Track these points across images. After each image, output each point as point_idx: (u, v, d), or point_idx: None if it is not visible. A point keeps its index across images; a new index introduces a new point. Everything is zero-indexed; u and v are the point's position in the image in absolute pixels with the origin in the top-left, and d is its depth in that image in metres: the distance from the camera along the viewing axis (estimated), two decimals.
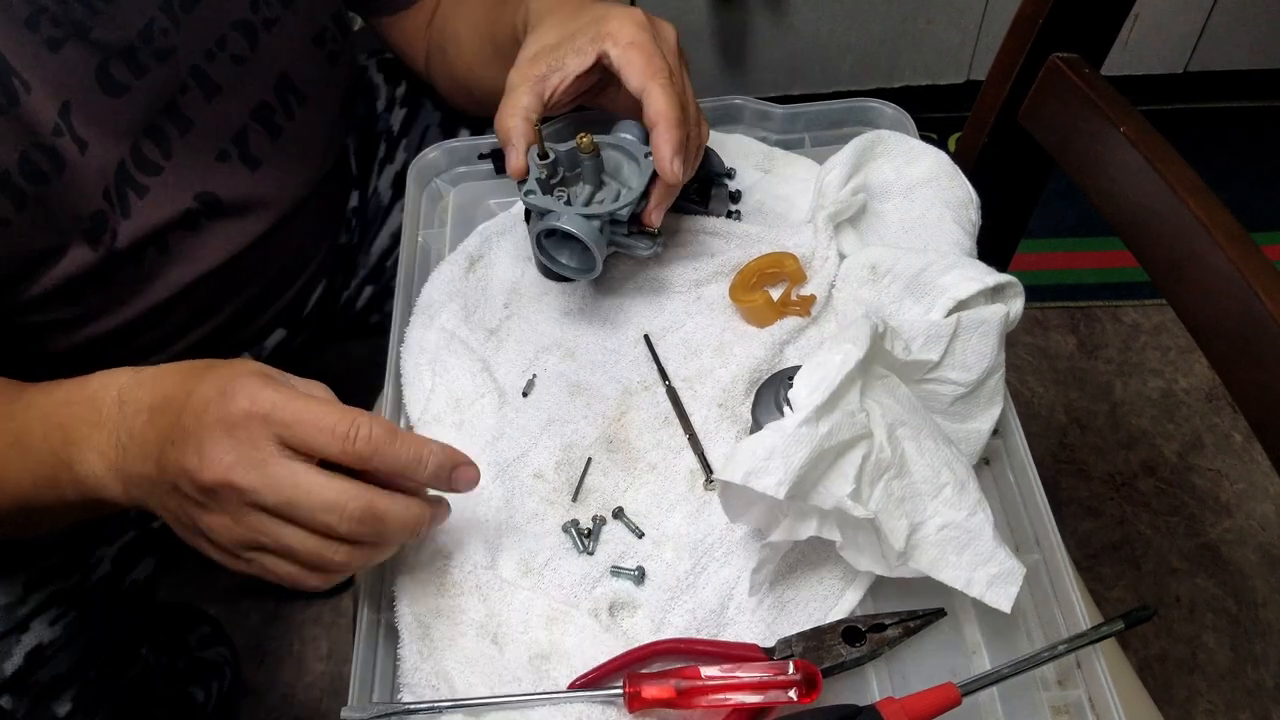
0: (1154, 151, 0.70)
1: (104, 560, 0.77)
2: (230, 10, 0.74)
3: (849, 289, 0.69)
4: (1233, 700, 1.23)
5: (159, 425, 0.52)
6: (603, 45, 0.63)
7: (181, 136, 0.72)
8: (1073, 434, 1.47)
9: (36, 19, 0.63)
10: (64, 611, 0.71)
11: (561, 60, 0.64)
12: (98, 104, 0.66)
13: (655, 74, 0.62)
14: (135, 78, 0.68)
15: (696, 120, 0.65)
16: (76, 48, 0.64)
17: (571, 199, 0.65)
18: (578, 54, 0.64)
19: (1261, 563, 1.34)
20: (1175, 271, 0.70)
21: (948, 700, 0.51)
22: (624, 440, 0.65)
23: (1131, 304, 1.61)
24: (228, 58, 0.74)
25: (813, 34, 1.66)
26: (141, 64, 0.68)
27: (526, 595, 0.58)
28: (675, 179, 0.62)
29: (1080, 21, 0.77)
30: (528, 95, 0.63)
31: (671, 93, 0.61)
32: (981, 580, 0.54)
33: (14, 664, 0.68)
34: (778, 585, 0.58)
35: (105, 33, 0.65)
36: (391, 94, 0.99)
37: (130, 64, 0.67)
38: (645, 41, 0.63)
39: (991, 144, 0.85)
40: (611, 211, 0.64)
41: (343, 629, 1.30)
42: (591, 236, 0.63)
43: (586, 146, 0.64)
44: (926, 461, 0.56)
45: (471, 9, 0.82)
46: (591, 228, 0.63)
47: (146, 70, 0.68)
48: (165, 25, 0.69)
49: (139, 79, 0.68)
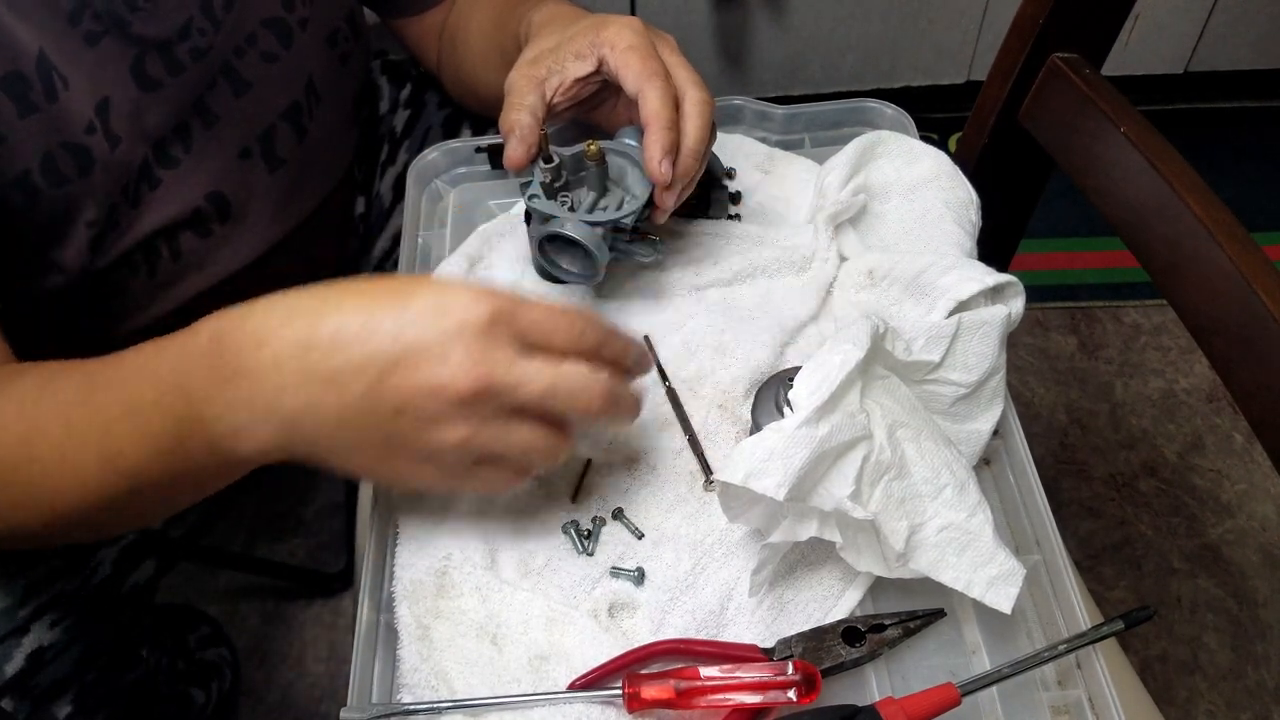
0: (1154, 151, 0.70)
1: (104, 563, 0.77)
2: (262, 7, 0.74)
3: (847, 293, 0.69)
4: (1233, 701, 1.23)
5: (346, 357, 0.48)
6: (601, 50, 0.64)
7: (205, 131, 0.72)
8: (1073, 434, 1.47)
9: (79, 14, 0.63)
10: (64, 614, 0.71)
11: (561, 63, 0.65)
12: (133, 99, 0.66)
13: (651, 76, 0.62)
14: (170, 75, 0.68)
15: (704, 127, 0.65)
16: (114, 42, 0.65)
17: (575, 205, 0.65)
18: (577, 58, 0.64)
19: (1262, 563, 1.34)
20: (1175, 271, 0.70)
21: (947, 700, 0.51)
22: (624, 441, 0.65)
23: (1132, 304, 1.61)
24: (258, 55, 0.74)
25: (813, 34, 1.67)
26: (177, 61, 0.68)
27: (526, 596, 0.58)
28: (664, 180, 0.62)
29: (1080, 21, 0.77)
30: (531, 94, 0.64)
31: (667, 95, 0.61)
32: (982, 581, 0.54)
33: (15, 666, 0.68)
34: (777, 586, 0.58)
35: (144, 28, 0.66)
36: (395, 96, 0.99)
37: (166, 60, 0.68)
38: (642, 45, 0.63)
39: (992, 144, 0.85)
40: (615, 219, 0.64)
41: (343, 629, 1.30)
42: (594, 243, 0.63)
43: (594, 154, 0.64)
44: (927, 462, 0.56)
45: (482, 12, 0.83)
46: (595, 234, 0.63)
47: (182, 69, 0.69)
48: (203, 25, 0.69)
49: (173, 76, 0.68)
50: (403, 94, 0.99)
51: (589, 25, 0.65)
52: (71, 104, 0.63)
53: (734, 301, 0.71)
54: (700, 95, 0.64)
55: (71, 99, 0.63)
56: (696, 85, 0.64)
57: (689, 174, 0.64)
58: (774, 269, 0.71)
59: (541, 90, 0.64)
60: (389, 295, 0.49)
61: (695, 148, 0.63)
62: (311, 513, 1.40)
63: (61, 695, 0.71)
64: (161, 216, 0.72)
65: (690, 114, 0.64)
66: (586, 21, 0.65)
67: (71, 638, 0.72)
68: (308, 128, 0.80)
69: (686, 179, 0.64)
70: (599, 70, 0.65)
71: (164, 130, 0.69)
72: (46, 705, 0.71)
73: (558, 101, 0.66)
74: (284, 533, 1.39)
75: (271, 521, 1.40)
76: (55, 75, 0.62)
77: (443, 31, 0.88)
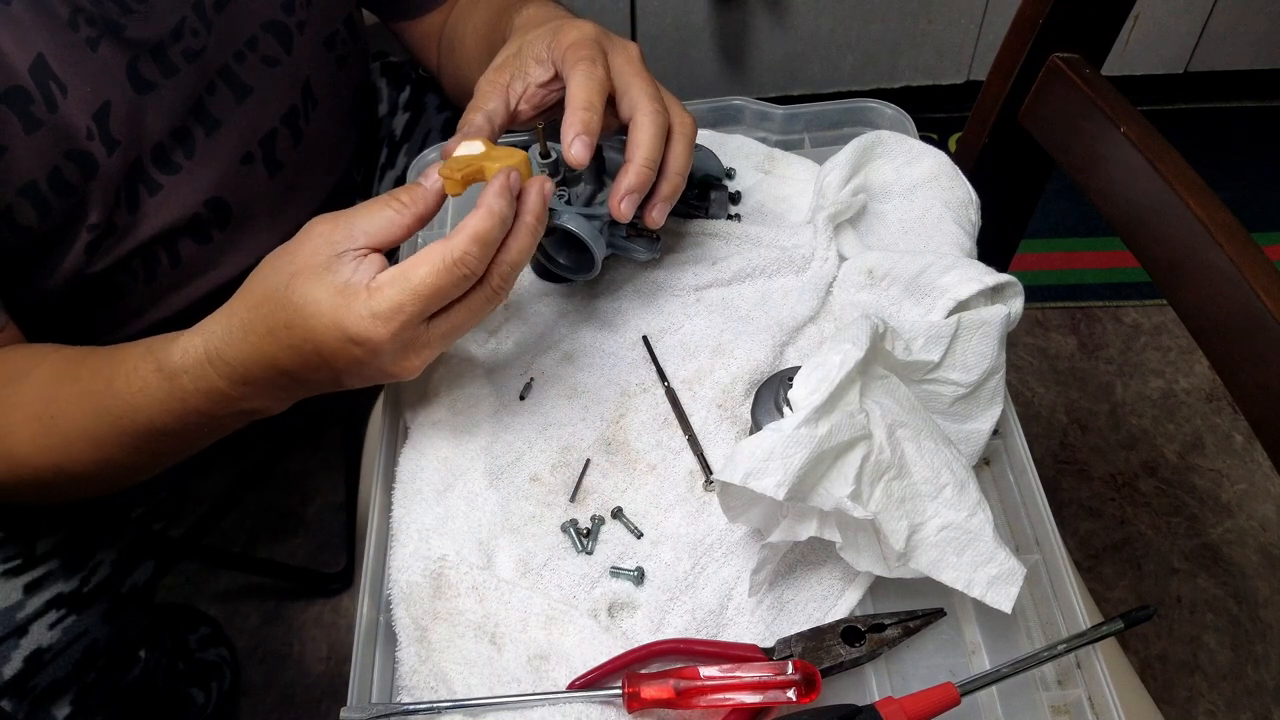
0: (1154, 151, 0.70)
1: (104, 563, 0.77)
2: (261, 11, 0.74)
3: (847, 293, 0.69)
4: (1233, 701, 1.23)
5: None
6: (556, 54, 0.64)
7: (208, 136, 0.72)
8: (1073, 434, 1.47)
9: (75, 19, 0.63)
10: (63, 615, 0.71)
11: (524, 68, 0.65)
12: (130, 102, 0.66)
13: (579, 61, 0.62)
14: (164, 76, 0.68)
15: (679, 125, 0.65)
16: (110, 46, 0.65)
17: (572, 199, 0.65)
18: (538, 63, 0.64)
19: (1262, 563, 1.34)
20: (1176, 271, 0.70)
21: (947, 700, 0.51)
22: (623, 442, 0.65)
23: (1132, 304, 1.61)
24: (258, 59, 0.74)
25: (813, 34, 1.67)
26: (171, 63, 0.68)
27: (525, 595, 0.58)
28: (578, 164, 0.61)
29: (1080, 21, 0.77)
30: (494, 100, 0.64)
31: (591, 80, 0.61)
32: (982, 581, 0.54)
33: (13, 667, 0.68)
34: (777, 585, 0.58)
35: (138, 31, 0.66)
36: (395, 98, 0.99)
37: (160, 62, 0.68)
38: (587, 43, 0.63)
39: (992, 144, 0.85)
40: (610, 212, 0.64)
41: (343, 629, 1.30)
42: (591, 236, 0.63)
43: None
44: (926, 462, 0.55)
45: (478, 14, 0.83)
46: (592, 228, 0.63)
47: (176, 70, 0.69)
48: (196, 26, 0.69)
49: (168, 78, 0.68)
50: (402, 96, 0.99)
51: (547, 30, 0.65)
52: (71, 111, 0.63)
53: (733, 301, 0.71)
54: (652, 108, 0.63)
55: (70, 106, 0.63)
56: (649, 98, 0.63)
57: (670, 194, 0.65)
58: (773, 269, 0.71)
59: (505, 96, 0.64)
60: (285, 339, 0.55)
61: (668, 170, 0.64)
62: (311, 513, 1.40)
63: (61, 696, 0.71)
64: (161, 222, 0.72)
65: (643, 124, 0.62)
66: (547, 26, 0.65)
67: (71, 639, 0.72)
68: (304, 130, 0.80)
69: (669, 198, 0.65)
70: (558, 78, 0.65)
71: (162, 134, 0.69)
72: (45, 706, 0.71)
73: (523, 109, 0.66)
74: (284, 533, 1.39)
75: (271, 521, 1.40)
76: (54, 83, 0.62)
77: (442, 34, 0.88)
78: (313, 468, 1.43)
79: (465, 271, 0.54)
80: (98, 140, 0.65)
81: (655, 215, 0.64)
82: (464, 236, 0.53)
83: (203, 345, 0.57)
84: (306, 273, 0.54)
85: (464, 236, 0.53)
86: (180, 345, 0.58)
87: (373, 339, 0.53)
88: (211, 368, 0.57)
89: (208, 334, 0.57)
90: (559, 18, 0.69)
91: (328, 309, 0.53)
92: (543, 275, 0.73)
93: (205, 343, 0.57)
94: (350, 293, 0.53)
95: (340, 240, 0.55)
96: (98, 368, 0.62)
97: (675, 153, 0.64)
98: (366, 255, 0.55)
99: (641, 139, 0.61)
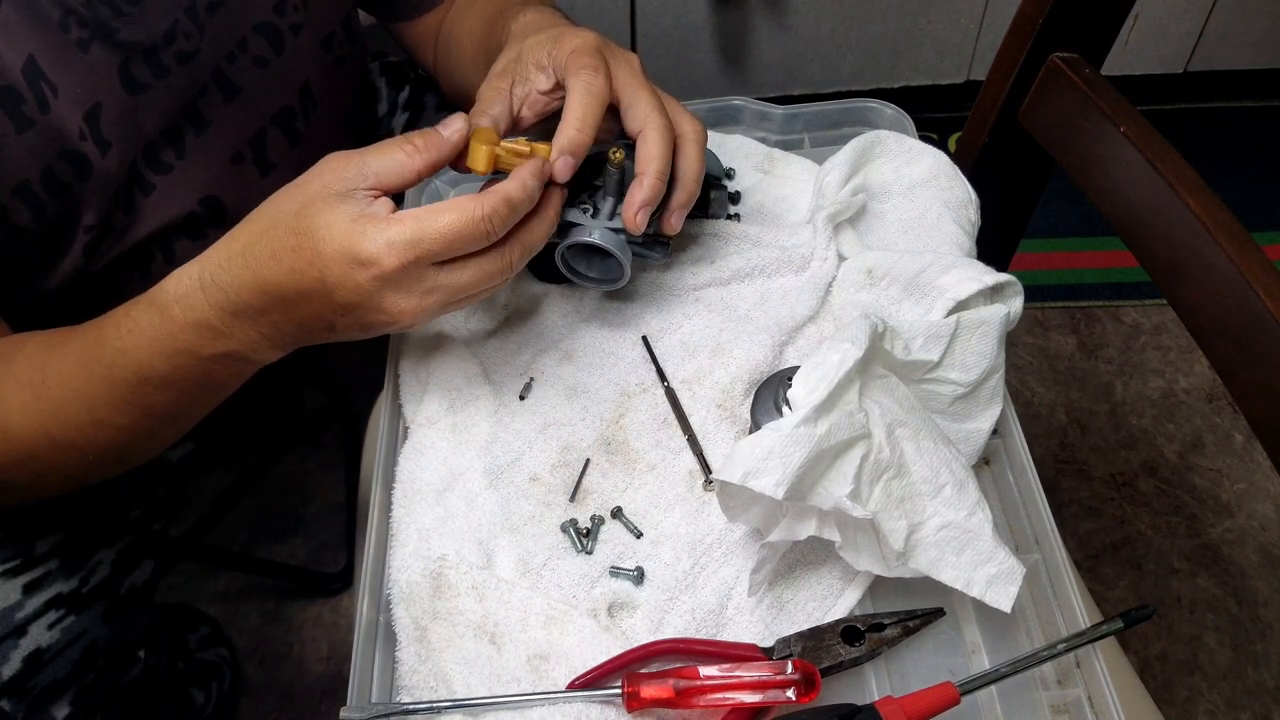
0: (1154, 151, 0.70)
1: (103, 564, 0.77)
2: (252, 13, 0.74)
3: (846, 292, 0.69)
4: (1233, 700, 1.23)
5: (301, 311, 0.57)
6: (557, 61, 0.63)
7: (198, 136, 0.72)
8: (1073, 434, 1.47)
9: (66, 21, 0.63)
10: (63, 615, 0.71)
11: (525, 74, 0.65)
12: (121, 104, 0.66)
13: (580, 70, 0.62)
14: (156, 78, 0.68)
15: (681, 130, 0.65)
16: (102, 48, 0.65)
17: (595, 212, 0.65)
18: (539, 69, 0.64)
19: (1262, 563, 1.34)
20: (1175, 271, 0.70)
21: (947, 699, 0.51)
22: (622, 441, 0.65)
23: (1132, 304, 1.61)
24: (249, 60, 0.74)
25: (813, 34, 1.67)
26: (163, 65, 0.68)
27: (525, 595, 0.58)
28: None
29: (1080, 21, 0.77)
30: (498, 104, 0.64)
31: (591, 93, 0.61)
32: (981, 580, 0.54)
33: (12, 668, 0.68)
34: (776, 585, 0.58)
35: (130, 34, 0.66)
36: (394, 98, 0.99)
37: (152, 64, 0.68)
38: (589, 51, 0.63)
39: (991, 144, 0.85)
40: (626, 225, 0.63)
41: (343, 629, 1.30)
42: (620, 248, 0.63)
43: (618, 161, 0.63)
44: (926, 461, 0.55)
45: (475, 16, 0.83)
46: (620, 240, 0.63)
47: (168, 72, 0.69)
48: (189, 29, 0.69)
49: (160, 80, 0.68)
50: (401, 96, 0.99)
51: (548, 37, 0.65)
52: (62, 112, 0.63)
53: (733, 301, 0.71)
54: (660, 121, 0.63)
55: (61, 107, 0.63)
56: (657, 110, 0.63)
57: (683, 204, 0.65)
58: (773, 269, 0.71)
59: (508, 101, 0.64)
60: (306, 259, 0.55)
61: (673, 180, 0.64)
62: (311, 513, 1.40)
63: (60, 696, 0.71)
64: (156, 221, 0.72)
65: (652, 138, 0.63)
66: (548, 34, 0.65)
67: (70, 639, 0.72)
68: (301, 132, 0.80)
69: (686, 206, 0.66)
70: (560, 86, 0.64)
71: (154, 135, 0.69)
72: (45, 706, 0.71)
73: (525, 115, 0.65)
74: (284, 533, 1.39)
75: (271, 521, 1.40)
76: (44, 84, 0.62)
77: (438, 35, 0.88)
78: (313, 468, 1.43)
79: (489, 228, 0.55)
80: (90, 141, 0.65)
81: (674, 222, 0.65)
82: (497, 197, 0.55)
83: (198, 271, 0.58)
84: (320, 201, 0.55)
85: (497, 197, 0.55)
86: (175, 275, 0.59)
87: (382, 264, 0.54)
88: (203, 294, 0.57)
89: (205, 259, 0.58)
90: (559, 25, 0.69)
91: (340, 233, 0.54)
92: (540, 274, 0.73)
93: (201, 269, 0.58)
94: (368, 220, 0.55)
95: (351, 177, 0.56)
96: (90, 326, 0.63)
97: (688, 160, 0.64)
98: (377, 197, 0.56)
99: (652, 152, 0.62)
